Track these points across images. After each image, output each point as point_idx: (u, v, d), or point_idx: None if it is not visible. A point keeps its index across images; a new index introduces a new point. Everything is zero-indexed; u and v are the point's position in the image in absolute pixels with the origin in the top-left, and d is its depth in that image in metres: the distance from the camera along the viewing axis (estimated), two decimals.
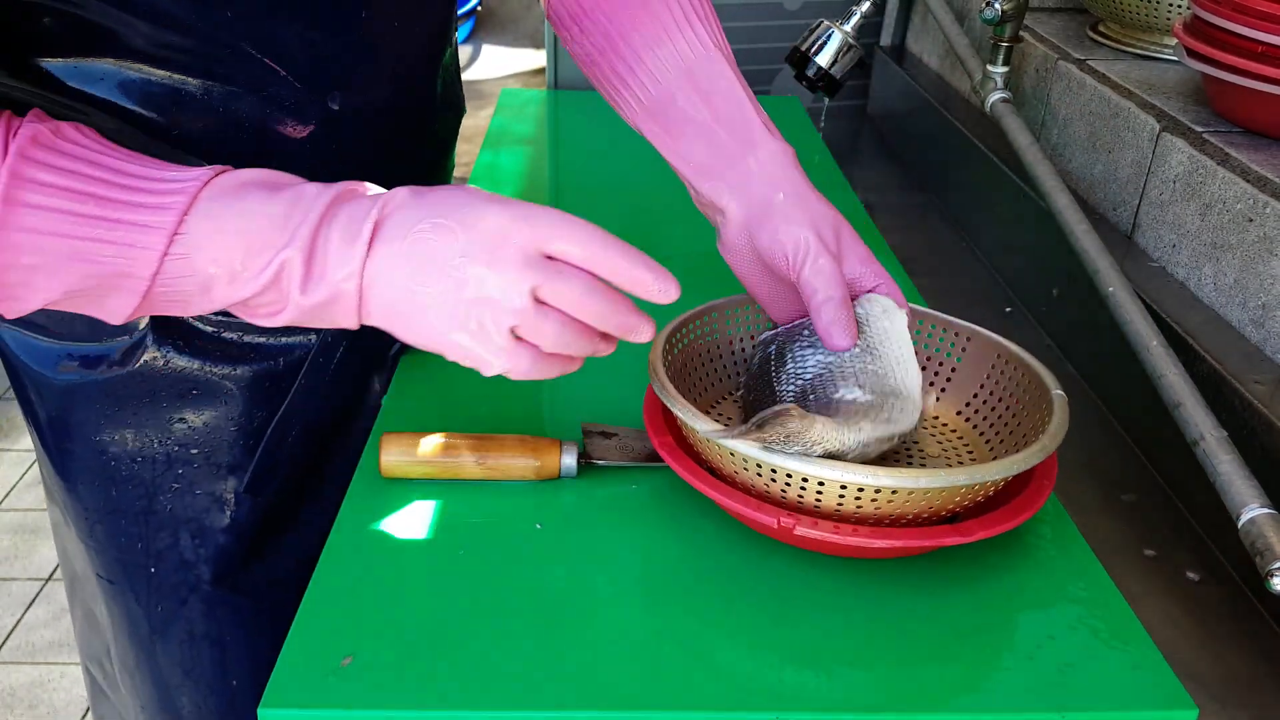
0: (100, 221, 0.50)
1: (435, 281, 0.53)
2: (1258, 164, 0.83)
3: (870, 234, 1.07)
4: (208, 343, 0.74)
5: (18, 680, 1.81)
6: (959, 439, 0.73)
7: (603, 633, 0.58)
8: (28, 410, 0.79)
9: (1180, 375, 0.72)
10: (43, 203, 0.49)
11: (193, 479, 0.77)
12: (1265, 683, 0.65)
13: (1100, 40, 1.16)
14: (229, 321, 0.74)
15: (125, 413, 0.74)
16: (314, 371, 0.77)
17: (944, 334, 0.75)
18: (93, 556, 0.81)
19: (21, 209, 0.49)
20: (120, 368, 0.73)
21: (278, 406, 0.77)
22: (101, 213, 0.50)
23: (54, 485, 0.81)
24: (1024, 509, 0.61)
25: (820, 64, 1.08)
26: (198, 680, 0.83)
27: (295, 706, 0.53)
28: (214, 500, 0.78)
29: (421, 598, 0.60)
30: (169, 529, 0.78)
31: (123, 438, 0.75)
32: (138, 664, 0.84)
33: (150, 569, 0.79)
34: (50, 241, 0.50)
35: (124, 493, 0.77)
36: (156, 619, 0.81)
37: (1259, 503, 0.62)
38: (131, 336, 0.72)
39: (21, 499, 2.22)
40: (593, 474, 0.70)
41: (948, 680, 0.57)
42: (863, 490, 0.57)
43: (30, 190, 0.49)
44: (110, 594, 0.82)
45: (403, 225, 0.53)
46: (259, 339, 0.75)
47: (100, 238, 0.50)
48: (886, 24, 1.58)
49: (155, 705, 0.85)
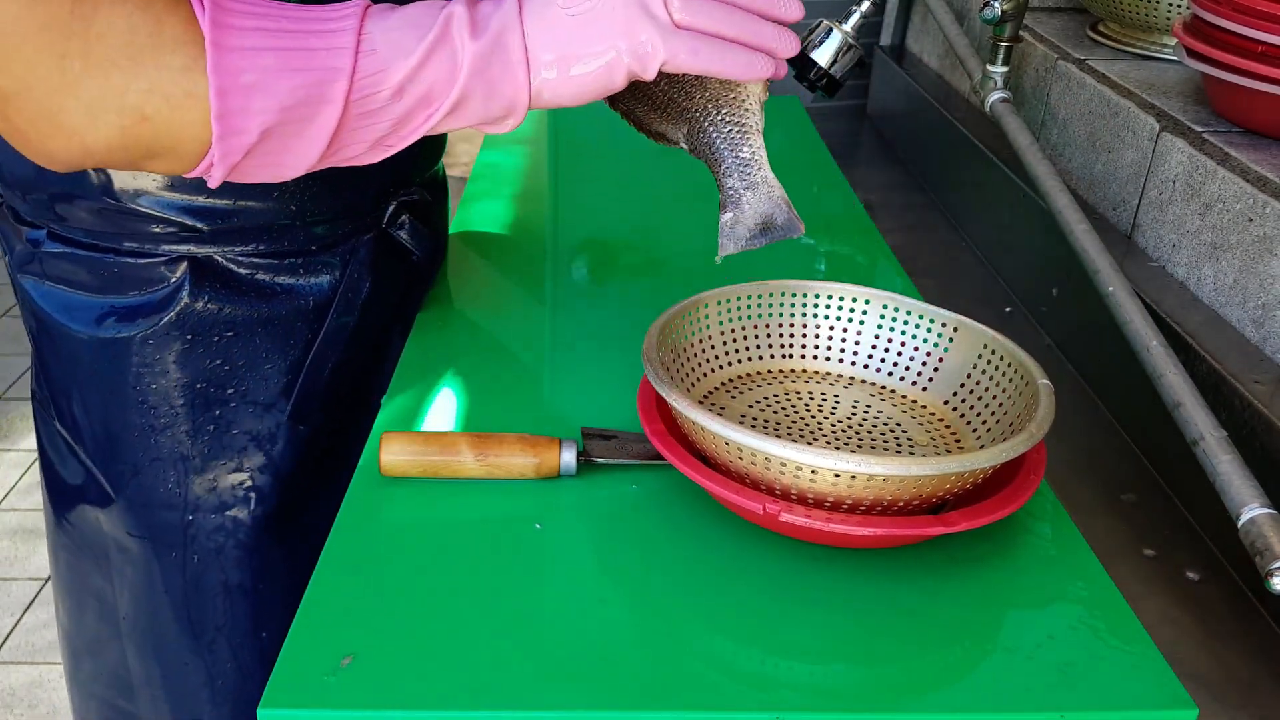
0: (296, 34, 0.55)
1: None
2: (1258, 164, 0.83)
3: (870, 234, 1.07)
4: (242, 285, 0.77)
5: (18, 680, 1.81)
6: (947, 429, 0.73)
7: (603, 632, 0.58)
8: (58, 374, 0.80)
9: (1180, 375, 0.72)
10: (246, 25, 0.54)
11: (231, 419, 0.80)
12: (1265, 683, 0.65)
13: (1100, 40, 1.16)
14: (261, 263, 0.77)
15: (164, 361, 0.77)
16: (344, 308, 0.81)
17: (931, 324, 0.76)
18: (123, 516, 0.82)
19: (230, 31, 0.54)
20: (160, 315, 0.76)
21: (310, 345, 0.81)
22: (296, 28, 0.55)
23: (91, 445, 0.81)
24: (1010, 501, 0.61)
25: (820, 64, 1.08)
26: (230, 634, 0.85)
27: (295, 706, 0.53)
28: (251, 440, 0.81)
29: (421, 597, 0.60)
30: (209, 473, 0.80)
31: (161, 386, 0.78)
32: (165, 630, 0.85)
33: (188, 517, 0.81)
34: (261, 58, 0.54)
35: (163, 440, 0.79)
36: (192, 570, 0.82)
37: (1259, 503, 0.62)
38: (169, 285, 0.75)
39: (21, 500, 2.22)
40: (592, 474, 0.70)
41: (947, 680, 0.57)
42: (839, 475, 0.58)
43: (234, 16, 0.54)
44: (140, 553, 0.83)
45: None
46: (289, 280, 0.79)
47: (301, 45, 0.55)
48: (886, 24, 1.58)
49: (181, 673, 0.86)
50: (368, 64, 0.56)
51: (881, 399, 0.76)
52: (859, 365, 0.78)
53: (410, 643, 0.57)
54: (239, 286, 0.77)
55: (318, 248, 0.79)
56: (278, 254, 0.78)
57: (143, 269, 0.75)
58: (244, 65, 0.53)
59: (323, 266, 0.80)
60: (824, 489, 0.59)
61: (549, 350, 0.87)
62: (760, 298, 0.78)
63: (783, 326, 0.79)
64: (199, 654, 0.86)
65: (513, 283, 0.97)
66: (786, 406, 0.75)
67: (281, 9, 0.55)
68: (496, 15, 0.58)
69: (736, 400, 0.75)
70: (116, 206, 0.73)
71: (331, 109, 0.56)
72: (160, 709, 0.89)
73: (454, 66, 0.57)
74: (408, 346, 0.84)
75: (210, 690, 0.87)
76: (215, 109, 0.53)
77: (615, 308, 0.92)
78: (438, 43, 0.57)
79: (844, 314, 0.78)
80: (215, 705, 0.87)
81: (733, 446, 0.61)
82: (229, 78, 0.53)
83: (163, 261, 0.75)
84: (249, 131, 0.55)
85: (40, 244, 0.77)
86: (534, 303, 0.94)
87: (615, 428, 0.73)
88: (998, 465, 0.61)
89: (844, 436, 0.72)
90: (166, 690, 0.88)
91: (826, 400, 0.76)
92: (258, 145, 0.56)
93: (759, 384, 0.77)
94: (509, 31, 0.58)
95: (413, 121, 0.59)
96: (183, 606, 0.84)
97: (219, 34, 0.53)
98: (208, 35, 0.53)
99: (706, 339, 0.76)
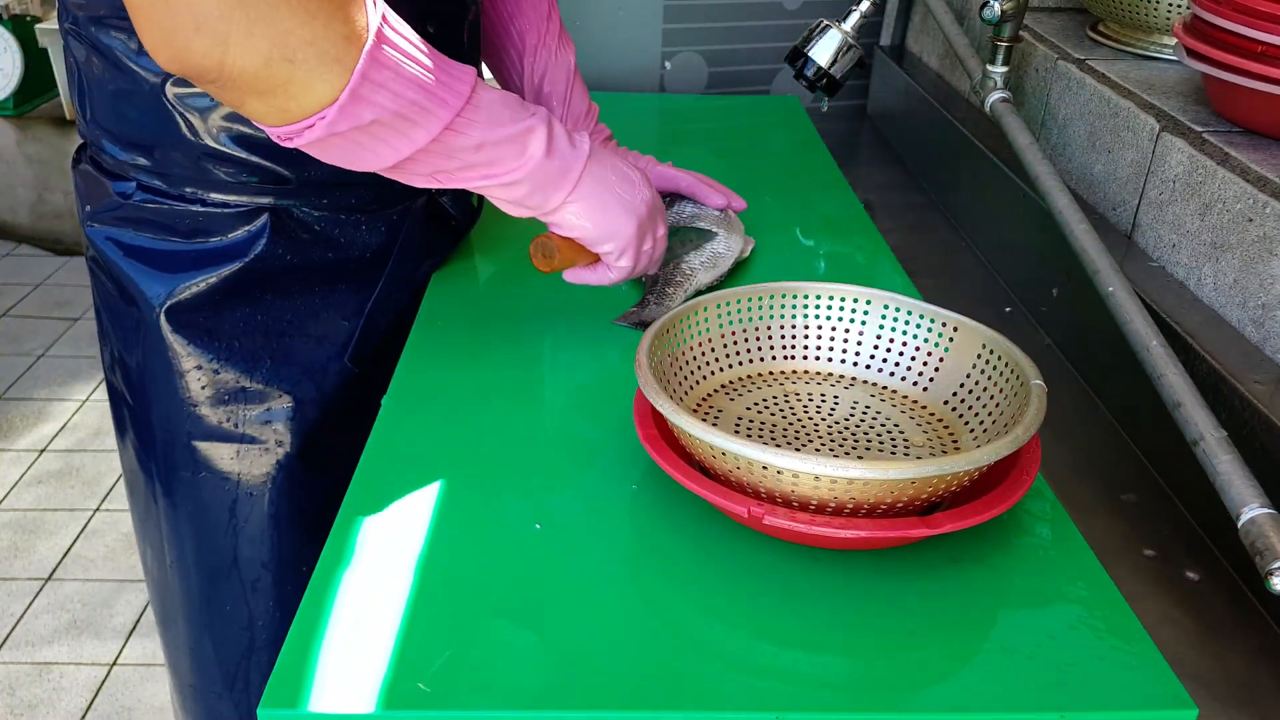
0: (433, 64, 0.65)
1: (627, 190, 0.79)
2: (1257, 164, 0.83)
3: (870, 234, 1.07)
4: (313, 236, 0.85)
5: (18, 678, 1.81)
6: (945, 429, 0.73)
7: (602, 633, 0.58)
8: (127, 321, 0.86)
9: (1180, 375, 0.72)
10: (404, 31, 0.64)
11: (288, 352, 0.87)
12: (1265, 683, 0.65)
13: (1100, 40, 1.16)
14: (330, 217, 0.86)
15: (235, 298, 0.84)
16: (400, 261, 0.91)
17: (931, 324, 0.76)
18: (199, 421, 0.87)
19: (394, 30, 0.63)
20: (237, 261, 0.83)
21: (370, 294, 0.90)
22: (434, 60, 0.65)
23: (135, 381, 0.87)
24: (999, 502, 0.61)
25: (820, 64, 1.08)
26: (276, 570, 0.90)
27: (295, 706, 0.53)
28: (305, 373, 0.88)
29: (421, 597, 0.60)
30: (263, 403, 0.87)
31: (231, 320, 0.85)
32: (211, 568, 0.90)
33: (247, 439, 0.87)
34: (404, 67, 0.63)
35: (224, 374, 0.86)
36: (244, 505, 0.89)
37: (1259, 503, 0.62)
38: (249, 233, 0.83)
39: (21, 498, 2.22)
40: (592, 474, 0.70)
41: (948, 680, 0.57)
42: (819, 479, 0.58)
43: (397, 22, 0.63)
44: (187, 490, 0.88)
45: (602, 154, 0.78)
46: (353, 234, 0.87)
47: (432, 72, 0.65)
48: (886, 24, 1.58)
49: (222, 608, 0.92)
50: (469, 114, 0.67)
51: (881, 399, 0.76)
52: (859, 366, 0.78)
53: (410, 642, 0.57)
54: (309, 237, 0.85)
55: (377, 205, 0.88)
56: (345, 209, 0.86)
57: (226, 218, 0.82)
58: (390, 63, 0.62)
59: (381, 223, 0.88)
60: (807, 492, 0.60)
61: (554, 337, 0.87)
62: (760, 299, 0.78)
63: (784, 328, 0.79)
64: (243, 596, 0.91)
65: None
66: (785, 408, 0.75)
67: (425, 43, 0.65)
68: (573, 153, 0.75)
69: (735, 403, 0.75)
70: (212, 150, 0.79)
71: (425, 132, 0.65)
72: (204, 656, 0.94)
73: (524, 157, 0.71)
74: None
75: (250, 634, 0.92)
76: (353, 84, 0.61)
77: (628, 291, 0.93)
78: (524, 133, 0.71)
79: (844, 314, 0.79)
80: (253, 650, 0.93)
81: (717, 451, 0.61)
82: (376, 68, 0.61)
83: (244, 211, 0.82)
84: (363, 117, 0.62)
85: (130, 195, 0.83)
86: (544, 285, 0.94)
87: (615, 427, 0.73)
88: (982, 468, 0.61)
89: (840, 438, 0.72)
90: (210, 636, 0.93)
91: (826, 401, 0.76)
92: (357, 131, 0.63)
93: (759, 386, 0.77)
94: (572, 170, 0.75)
95: (471, 173, 0.71)
96: (230, 541, 0.89)
97: (385, 28, 0.61)
98: (376, 23, 0.61)
99: (706, 342, 0.76)
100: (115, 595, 1.99)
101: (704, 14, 1.50)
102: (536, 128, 0.72)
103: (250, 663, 0.94)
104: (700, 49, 1.52)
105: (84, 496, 2.24)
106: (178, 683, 0.99)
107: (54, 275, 3.12)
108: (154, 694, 1.80)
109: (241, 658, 0.93)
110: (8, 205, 3.27)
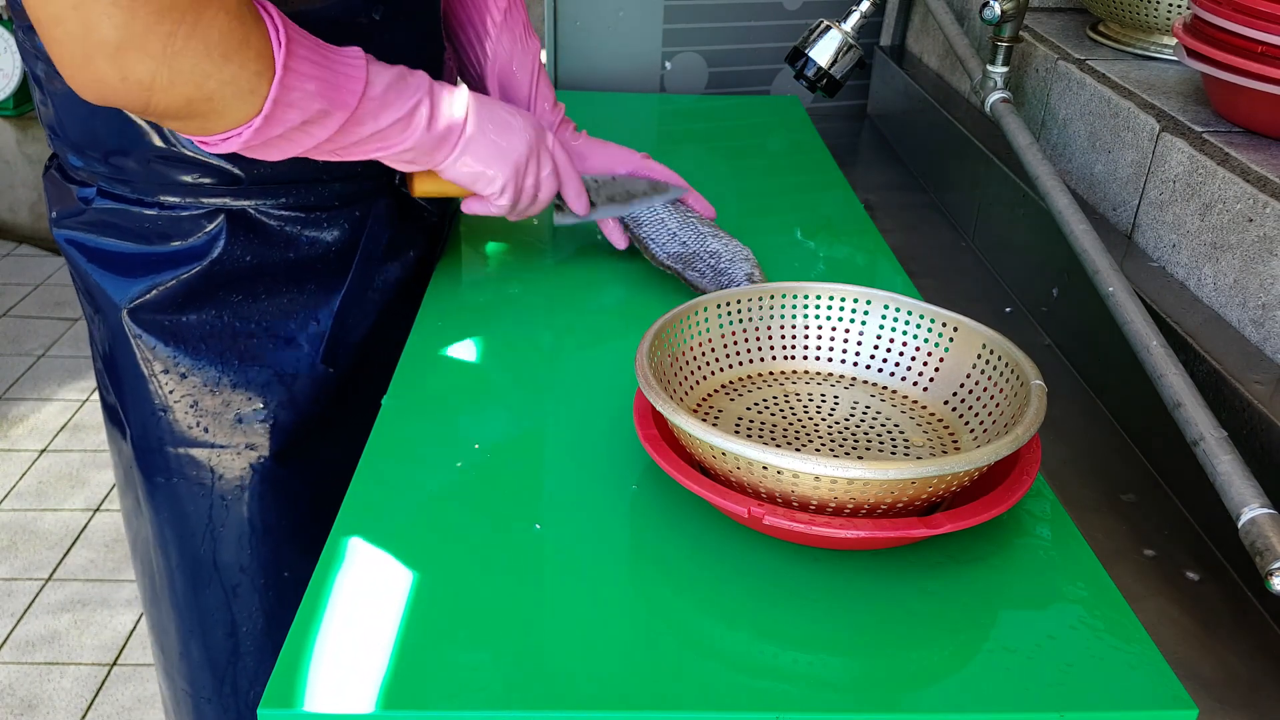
0: (331, 69, 0.71)
1: (504, 136, 0.84)
2: (1258, 164, 0.83)
3: (870, 234, 1.07)
4: (272, 236, 0.86)
5: (18, 680, 1.81)
6: (945, 429, 0.73)
7: (602, 633, 0.58)
8: (100, 325, 0.88)
9: (1180, 375, 0.72)
10: (304, 54, 0.70)
11: (256, 354, 0.88)
12: (1265, 683, 0.65)
13: (1100, 40, 1.16)
14: (289, 216, 0.87)
15: (198, 300, 0.85)
16: (366, 259, 0.92)
17: (931, 324, 0.76)
18: (170, 427, 0.88)
19: (297, 59, 0.69)
20: (197, 263, 0.84)
21: (337, 293, 0.91)
22: (330, 65, 0.71)
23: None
24: (998, 503, 0.61)
25: (820, 64, 1.08)
26: (254, 575, 0.91)
27: (295, 706, 0.53)
28: (276, 376, 0.88)
29: (421, 598, 0.60)
30: (233, 408, 0.87)
31: (194, 328, 0.86)
32: (193, 573, 0.91)
33: (213, 453, 0.88)
34: (308, 83, 0.70)
35: (192, 378, 0.87)
36: (219, 510, 0.89)
37: (1259, 503, 0.62)
38: (207, 235, 0.84)
39: (20, 498, 2.22)
40: (591, 474, 0.70)
41: (948, 679, 0.57)
42: (819, 479, 0.58)
43: (298, 47, 0.69)
44: (166, 495, 0.89)
45: (487, 103, 0.84)
46: (314, 233, 0.88)
47: (331, 79, 0.71)
48: (886, 24, 1.58)
49: (207, 613, 0.92)
50: (363, 108, 0.74)
51: (881, 399, 0.76)
52: (859, 366, 0.78)
53: (409, 642, 0.57)
54: (269, 238, 0.86)
55: (339, 203, 0.89)
56: (304, 207, 0.87)
57: (184, 222, 0.84)
58: (296, 84, 0.69)
59: (344, 220, 0.89)
60: (807, 492, 0.60)
61: (555, 333, 0.87)
62: (760, 299, 0.78)
63: (784, 328, 0.79)
64: (225, 602, 0.91)
65: (518, 260, 0.97)
66: (785, 408, 0.75)
67: (317, 46, 0.71)
68: (454, 116, 0.81)
69: (735, 403, 0.75)
70: (166, 153, 0.81)
71: (326, 130, 0.73)
72: (191, 661, 0.94)
73: (410, 129, 0.78)
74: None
75: (234, 640, 0.92)
76: (266, 110, 0.68)
77: (633, 289, 0.92)
78: (411, 111, 0.77)
79: (844, 314, 0.79)
80: (238, 656, 0.92)
81: (717, 451, 0.61)
82: (285, 91, 0.68)
83: (202, 214, 0.84)
84: (273, 131, 0.70)
85: (91, 201, 0.85)
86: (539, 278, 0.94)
87: (615, 427, 0.73)
88: (982, 468, 0.61)
89: (840, 438, 0.72)
90: (197, 641, 0.93)
91: (826, 401, 0.76)
92: (275, 139, 0.71)
93: (759, 386, 0.77)
94: (454, 132, 0.81)
95: (367, 146, 0.77)
96: (209, 547, 0.89)
97: (290, 58, 0.68)
98: (282, 58, 0.67)
99: (705, 342, 0.76)
100: (115, 595, 1.99)
101: (704, 14, 1.50)
102: (421, 103, 0.78)
103: (236, 668, 0.94)
104: (700, 49, 1.52)
105: (84, 497, 2.24)
106: (170, 687, 1.00)
107: (54, 275, 3.12)
108: (154, 694, 1.80)
109: (228, 663, 0.94)
110: (8, 205, 3.27)
